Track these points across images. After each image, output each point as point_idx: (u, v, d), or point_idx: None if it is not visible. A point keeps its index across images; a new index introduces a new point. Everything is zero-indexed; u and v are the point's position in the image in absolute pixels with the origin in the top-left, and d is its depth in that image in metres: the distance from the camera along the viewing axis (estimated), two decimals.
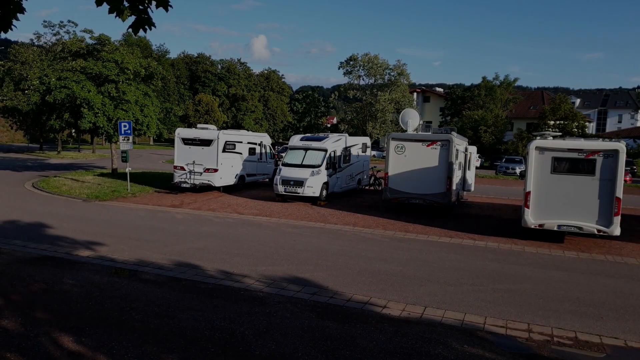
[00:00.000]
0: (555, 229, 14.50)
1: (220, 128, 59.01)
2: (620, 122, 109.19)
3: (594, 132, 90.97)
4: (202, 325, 7.48)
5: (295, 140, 21.87)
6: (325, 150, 20.65)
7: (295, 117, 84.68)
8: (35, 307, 8.03)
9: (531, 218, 14.64)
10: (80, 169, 34.02)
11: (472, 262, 12.03)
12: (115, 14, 3.79)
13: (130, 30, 3.90)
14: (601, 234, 14.17)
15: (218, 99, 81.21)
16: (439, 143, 17.92)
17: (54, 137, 52.46)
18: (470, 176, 22.30)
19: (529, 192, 14.65)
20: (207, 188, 22.63)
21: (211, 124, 67.28)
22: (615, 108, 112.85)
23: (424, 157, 18.07)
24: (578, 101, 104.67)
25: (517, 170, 40.69)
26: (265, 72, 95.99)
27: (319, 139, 21.46)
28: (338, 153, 21.53)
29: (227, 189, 23.08)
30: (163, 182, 25.52)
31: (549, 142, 14.67)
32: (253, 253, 12.09)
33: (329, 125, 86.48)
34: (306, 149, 20.99)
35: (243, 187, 24.09)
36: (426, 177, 17.99)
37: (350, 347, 6.90)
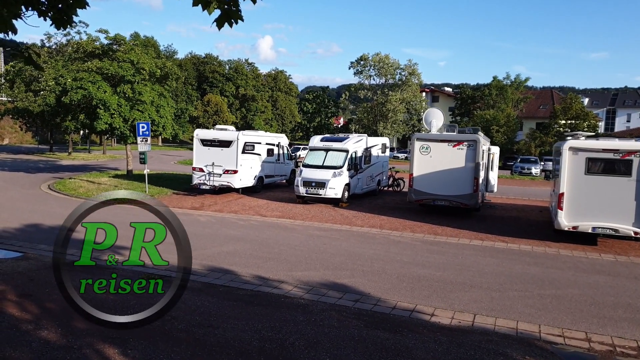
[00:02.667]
0: (590, 231, 14.12)
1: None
2: (629, 121, 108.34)
3: (602, 132, 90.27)
4: (249, 335, 7.17)
5: (316, 141, 21.53)
6: (347, 151, 20.32)
7: (305, 117, 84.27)
8: (72, 316, 7.69)
9: (565, 220, 14.27)
10: (93, 170, 33.80)
11: (510, 267, 11.68)
12: (200, 6, 3.48)
13: (214, 24, 3.59)
14: (638, 236, 13.79)
15: (226, 99, 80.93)
16: (466, 143, 17.56)
17: (65, 139, 52.26)
18: (493, 177, 21.91)
19: (562, 194, 14.27)
20: (226, 190, 22.35)
21: (220, 124, 67.15)
22: (623, 107, 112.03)
23: (450, 157, 17.71)
24: (586, 100, 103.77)
25: (533, 170, 40.27)
26: (273, 72, 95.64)
27: (340, 140, 21.13)
28: (359, 154, 21.19)
29: (245, 191, 22.79)
30: (180, 184, 25.25)
31: (583, 143, 14.30)
32: (285, 257, 11.78)
33: (337, 126, 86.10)
34: (327, 150, 20.65)
35: (261, 188, 23.76)
36: (452, 178, 17.63)
37: (407, 359, 6.58)
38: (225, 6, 3.46)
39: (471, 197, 17.55)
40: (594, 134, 17.10)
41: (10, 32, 4.01)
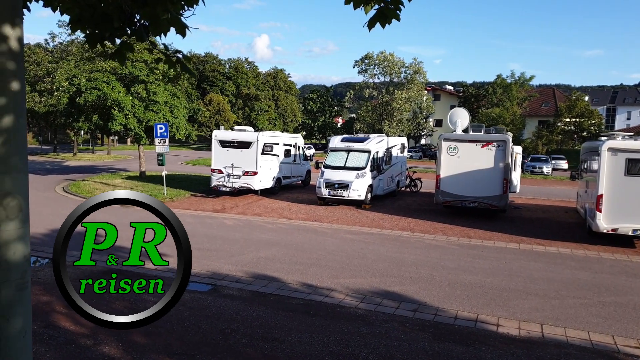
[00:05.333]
0: (630, 233, 13.83)
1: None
2: (629, 118, 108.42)
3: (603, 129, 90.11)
4: (318, 349, 6.84)
5: (336, 141, 21.16)
6: (369, 152, 19.96)
7: (309, 116, 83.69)
8: (130, 329, 7.36)
9: (603, 222, 13.96)
10: (102, 171, 33.36)
11: (559, 271, 11.37)
12: (352, 5, 3.10)
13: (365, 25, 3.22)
14: None
15: (227, 98, 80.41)
16: (495, 144, 17.25)
17: (71, 139, 51.67)
18: (516, 177, 21.58)
19: (601, 195, 13.97)
20: (244, 191, 21.96)
21: (222, 124, 66.57)
22: (624, 105, 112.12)
23: (479, 158, 17.39)
24: (586, 98, 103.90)
25: (545, 169, 39.99)
26: (272, 71, 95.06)
27: (361, 140, 20.77)
28: (381, 154, 20.84)
29: (263, 192, 22.41)
30: (196, 186, 24.83)
31: (623, 143, 13.99)
32: (327, 263, 11.44)
33: (339, 125, 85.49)
34: (348, 151, 20.27)
35: (279, 189, 23.37)
36: (481, 179, 17.30)
37: None
38: (382, 4, 3.10)
39: (501, 199, 17.25)
40: (632, 134, 16.73)
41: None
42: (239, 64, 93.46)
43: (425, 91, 73.93)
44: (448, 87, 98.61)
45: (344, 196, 19.45)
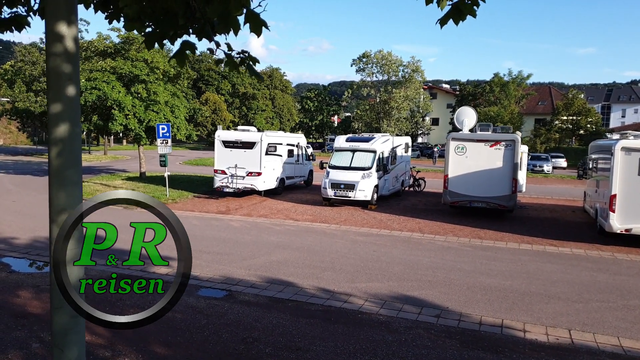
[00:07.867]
0: None
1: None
2: (623, 116, 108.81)
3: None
4: (345, 359, 6.61)
5: (341, 141, 20.90)
6: (375, 152, 19.71)
7: (307, 115, 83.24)
8: (147, 339, 7.12)
9: (617, 223, 13.80)
10: (100, 172, 32.96)
11: (577, 274, 11.18)
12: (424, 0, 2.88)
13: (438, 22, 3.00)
14: None
15: (223, 98, 79.95)
16: (504, 143, 17.06)
17: None
18: (522, 176, 21.41)
19: (615, 195, 13.80)
20: (247, 192, 21.67)
21: (219, 123, 66.15)
22: (618, 103, 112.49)
23: (487, 157, 17.20)
24: (582, 96, 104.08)
25: (545, 168, 39.93)
26: (268, 70, 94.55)
27: (367, 140, 20.52)
28: (386, 154, 20.61)
29: (267, 193, 22.13)
30: (198, 186, 24.51)
31: (637, 142, 13.82)
32: (341, 267, 11.20)
33: (335, 124, 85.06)
34: (354, 151, 20.02)
35: (282, 190, 23.09)
36: (490, 179, 17.12)
37: None
38: None
39: (510, 199, 17.07)
40: None
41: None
42: None
43: (423, 90, 73.77)
44: (444, 85, 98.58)
45: (350, 197, 19.21)
